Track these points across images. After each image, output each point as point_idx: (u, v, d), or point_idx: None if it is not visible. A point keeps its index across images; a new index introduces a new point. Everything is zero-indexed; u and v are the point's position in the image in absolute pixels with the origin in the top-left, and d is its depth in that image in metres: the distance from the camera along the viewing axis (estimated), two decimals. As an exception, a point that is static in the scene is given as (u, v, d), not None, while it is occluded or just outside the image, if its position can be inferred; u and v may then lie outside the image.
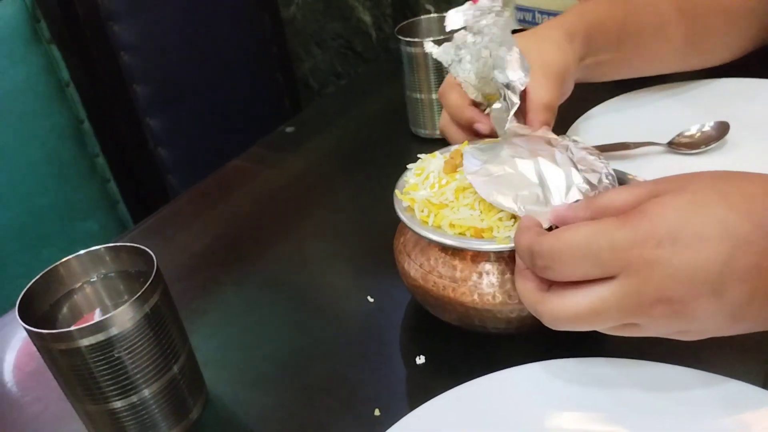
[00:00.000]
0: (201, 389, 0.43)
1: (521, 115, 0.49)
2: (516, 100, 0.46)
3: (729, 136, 0.60)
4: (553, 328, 0.35)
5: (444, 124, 0.56)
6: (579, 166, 0.42)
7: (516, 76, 0.46)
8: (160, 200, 0.69)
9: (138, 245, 0.39)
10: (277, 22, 1.31)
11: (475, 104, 0.53)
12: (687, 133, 0.61)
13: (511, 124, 0.46)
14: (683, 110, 0.64)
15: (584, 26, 0.57)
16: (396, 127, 0.73)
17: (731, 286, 0.30)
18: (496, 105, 0.47)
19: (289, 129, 0.78)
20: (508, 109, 0.46)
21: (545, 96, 0.50)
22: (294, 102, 1.37)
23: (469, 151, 0.44)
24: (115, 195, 1.05)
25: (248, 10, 1.22)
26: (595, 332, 0.45)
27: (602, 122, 0.64)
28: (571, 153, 0.43)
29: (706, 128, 0.60)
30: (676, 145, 0.60)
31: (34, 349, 0.37)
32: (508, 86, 0.46)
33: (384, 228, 0.48)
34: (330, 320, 0.49)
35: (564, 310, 0.34)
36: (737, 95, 0.65)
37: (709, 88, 0.67)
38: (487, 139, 0.51)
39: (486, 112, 0.52)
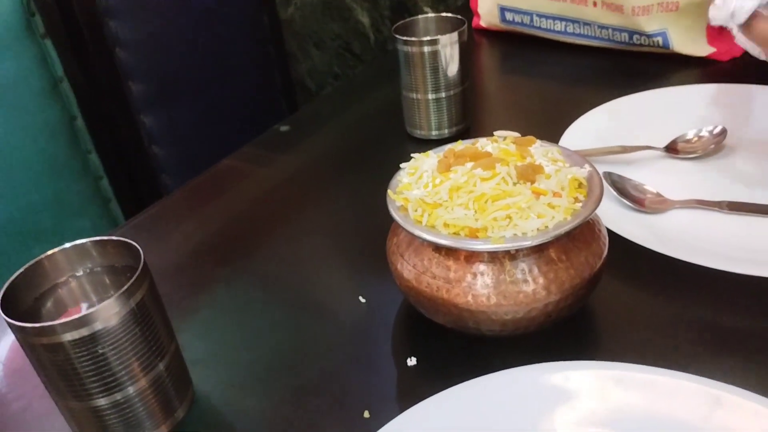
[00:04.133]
0: (187, 388, 0.42)
1: None
2: None
3: (726, 141, 0.59)
4: None
5: None
6: None
7: None
8: (153, 198, 0.67)
9: (125, 239, 0.39)
10: (275, 23, 1.31)
11: None
12: (685, 138, 0.60)
13: None
14: (680, 114, 0.64)
15: None
16: (392, 128, 0.72)
17: None
18: None
19: (283, 128, 0.77)
20: None
21: None
22: (291, 103, 1.37)
23: None
24: (108, 192, 1.04)
25: (246, 10, 1.22)
26: (590, 335, 0.44)
27: (599, 125, 0.64)
28: None
29: (704, 133, 0.60)
30: (673, 150, 0.60)
31: (18, 345, 0.36)
32: None
33: (377, 228, 0.48)
34: (321, 320, 0.48)
35: None
36: (735, 100, 0.65)
37: (707, 93, 0.67)
38: None
39: None
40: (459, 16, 0.68)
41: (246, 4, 1.20)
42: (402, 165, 0.46)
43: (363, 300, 0.49)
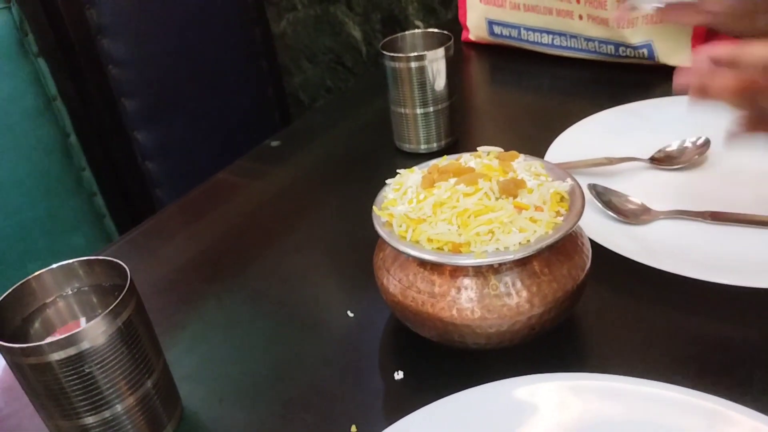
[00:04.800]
0: (176, 405, 0.42)
1: None
2: None
3: (710, 152, 0.60)
4: None
5: None
6: None
7: None
8: (147, 214, 0.68)
9: (112, 259, 0.39)
10: (267, 37, 1.32)
11: None
12: (668, 149, 0.61)
13: None
14: (665, 126, 0.64)
15: None
16: (381, 141, 0.73)
17: None
18: None
19: (274, 143, 0.78)
20: None
21: None
22: (284, 116, 1.38)
23: None
24: (102, 209, 1.04)
25: (238, 25, 1.23)
26: (576, 347, 0.45)
27: (584, 137, 0.65)
28: None
29: (687, 144, 0.61)
30: (657, 161, 0.60)
31: (7, 364, 0.37)
32: None
33: (366, 243, 0.48)
34: (309, 335, 0.49)
35: None
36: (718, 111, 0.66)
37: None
38: None
39: None
40: (446, 32, 0.69)
41: (238, 19, 1.21)
42: (387, 181, 0.47)
43: (351, 314, 0.49)
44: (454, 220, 0.41)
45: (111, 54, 1.06)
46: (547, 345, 0.44)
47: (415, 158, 0.69)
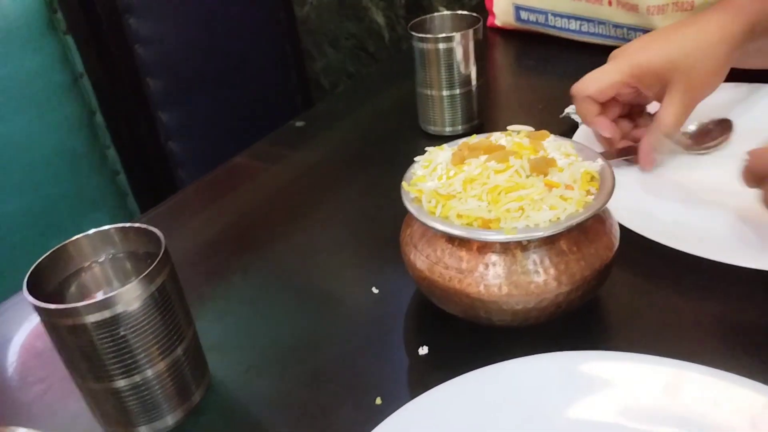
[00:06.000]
0: (204, 373, 0.43)
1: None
2: None
3: (733, 136, 0.60)
4: None
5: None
6: None
7: None
8: (169, 194, 0.69)
9: (147, 226, 0.40)
10: (291, 21, 1.32)
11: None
12: (690, 132, 0.61)
13: None
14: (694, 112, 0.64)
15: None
16: (406, 124, 0.73)
17: None
18: None
19: (299, 123, 0.78)
20: None
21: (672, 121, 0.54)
22: (306, 101, 1.38)
23: None
24: (125, 187, 1.06)
25: (263, 8, 1.23)
26: (602, 327, 0.45)
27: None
28: None
29: (709, 126, 0.60)
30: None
31: (40, 329, 0.37)
32: None
33: (391, 220, 0.48)
34: (335, 310, 0.49)
35: None
36: (743, 96, 0.65)
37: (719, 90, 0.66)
38: None
39: None
40: (474, 14, 0.69)
41: (263, 2, 1.22)
42: (416, 158, 0.47)
43: (376, 290, 0.50)
44: (485, 196, 0.41)
45: (137, 33, 1.07)
46: (569, 324, 0.44)
47: (440, 140, 0.68)
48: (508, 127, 0.48)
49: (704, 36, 0.54)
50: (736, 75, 0.65)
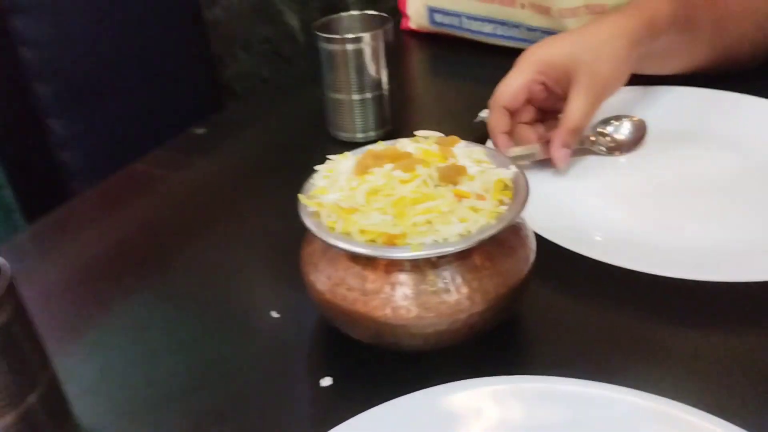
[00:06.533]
0: (67, 422, 0.37)
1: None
2: None
3: (647, 138, 0.59)
4: None
5: None
6: None
7: None
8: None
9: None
10: (198, 23, 1.25)
11: None
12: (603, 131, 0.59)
13: None
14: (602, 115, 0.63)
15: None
16: (316, 131, 0.68)
17: None
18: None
19: (199, 131, 0.72)
20: None
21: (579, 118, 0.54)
22: (218, 108, 1.31)
23: None
24: (11, 203, 0.96)
25: (167, 10, 1.16)
26: (518, 347, 0.42)
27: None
28: None
29: (622, 126, 0.60)
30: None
31: None
32: None
33: (295, 236, 0.43)
34: (229, 339, 0.44)
35: None
36: (657, 99, 0.64)
37: (629, 93, 0.66)
38: None
39: None
40: (384, 14, 0.65)
41: (167, 3, 1.14)
42: (317, 167, 0.43)
43: (276, 315, 0.45)
44: (390, 209, 0.37)
45: (24, 34, 0.97)
46: (487, 346, 0.40)
47: (351, 147, 0.64)
48: (416, 133, 0.44)
49: (603, 29, 0.55)
50: (652, 80, 0.65)
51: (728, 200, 0.52)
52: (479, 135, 0.62)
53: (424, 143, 0.43)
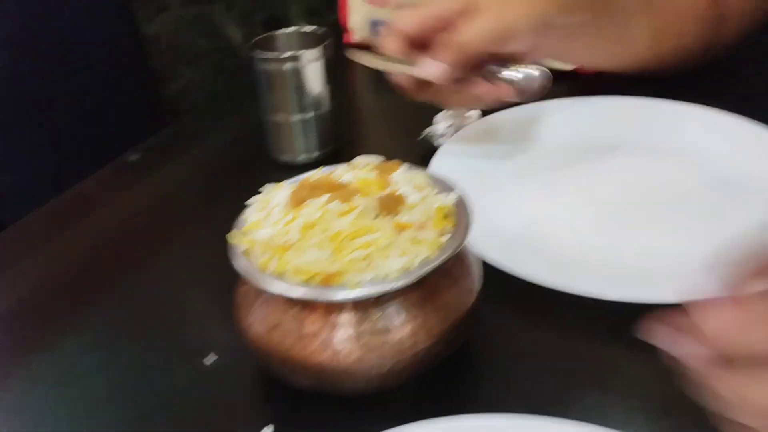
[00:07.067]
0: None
1: None
2: None
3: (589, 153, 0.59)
4: None
5: None
6: None
7: None
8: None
9: None
10: (137, 39, 1.20)
11: None
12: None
13: None
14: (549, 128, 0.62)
15: None
16: (256, 153, 0.65)
17: None
18: None
19: (133, 157, 0.68)
20: None
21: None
22: (162, 125, 1.26)
23: None
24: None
25: (100, 24, 1.10)
26: (469, 384, 0.39)
27: (474, 141, 0.61)
28: None
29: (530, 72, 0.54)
30: None
31: None
32: None
33: (230, 275, 0.41)
34: (159, 389, 0.41)
35: None
36: (603, 112, 0.64)
37: (575, 106, 0.65)
38: None
39: None
40: (324, 29, 0.63)
41: (99, 17, 1.09)
42: (248, 201, 0.40)
43: (209, 362, 0.42)
44: (326, 244, 0.35)
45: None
46: (436, 382, 0.38)
47: (294, 170, 0.62)
48: (356, 159, 0.42)
49: None
50: (593, 90, 0.65)
51: (676, 212, 0.52)
52: (426, 150, 0.60)
53: (362, 170, 0.40)
